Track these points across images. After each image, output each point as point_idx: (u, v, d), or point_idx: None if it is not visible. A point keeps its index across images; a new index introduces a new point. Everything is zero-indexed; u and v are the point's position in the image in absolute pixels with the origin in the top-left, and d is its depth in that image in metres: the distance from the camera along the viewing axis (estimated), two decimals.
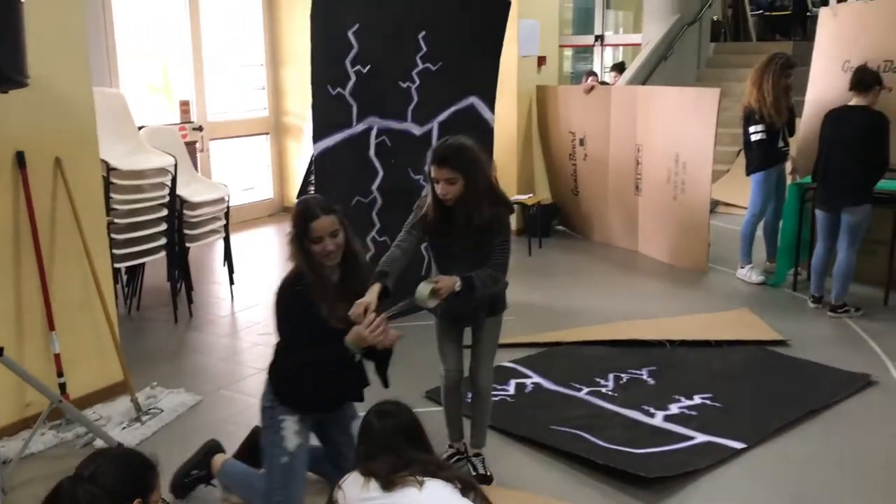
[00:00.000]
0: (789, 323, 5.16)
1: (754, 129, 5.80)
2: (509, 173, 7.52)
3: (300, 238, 2.79)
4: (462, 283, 2.92)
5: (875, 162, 5.02)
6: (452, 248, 3.09)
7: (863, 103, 5.10)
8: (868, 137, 5.00)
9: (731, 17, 12.89)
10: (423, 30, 5.08)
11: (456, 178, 2.92)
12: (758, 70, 5.82)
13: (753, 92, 5.79)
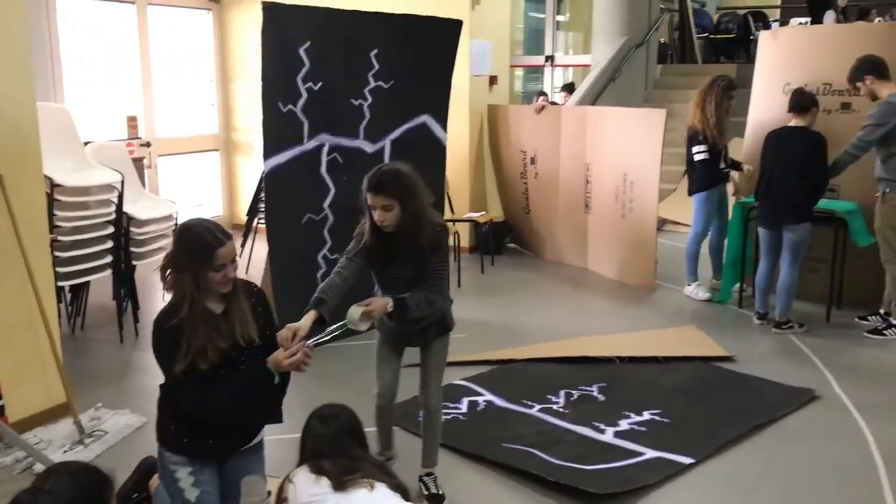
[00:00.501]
0: (735, 339, 5.27)
1: (697, 150, 5.93)
2: (462, 191, 7.56)
3: (198, 265, 2.46)
4: (394, 304, 2.96)
5: (815, 181, 5.17)
6: (393, 272, 3.10)
7: (802, 124, 5.26)
8: (808, 157, 5.15)
9: (677, 40, 13.19)
10: (376, 48, 5.09)
11: (392, 204, 2.95)
12: (701, 92, 5.97)
13: (697, 113, 5.93)
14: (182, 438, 2.61)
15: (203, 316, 2.49)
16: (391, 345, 3.33)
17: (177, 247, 2.53)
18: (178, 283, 2.49)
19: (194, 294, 2.46)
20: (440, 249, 3.11)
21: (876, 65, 5.09)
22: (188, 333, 2.46)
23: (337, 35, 4.92)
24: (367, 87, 5.13)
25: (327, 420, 2.58)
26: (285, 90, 4.75)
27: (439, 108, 5.51)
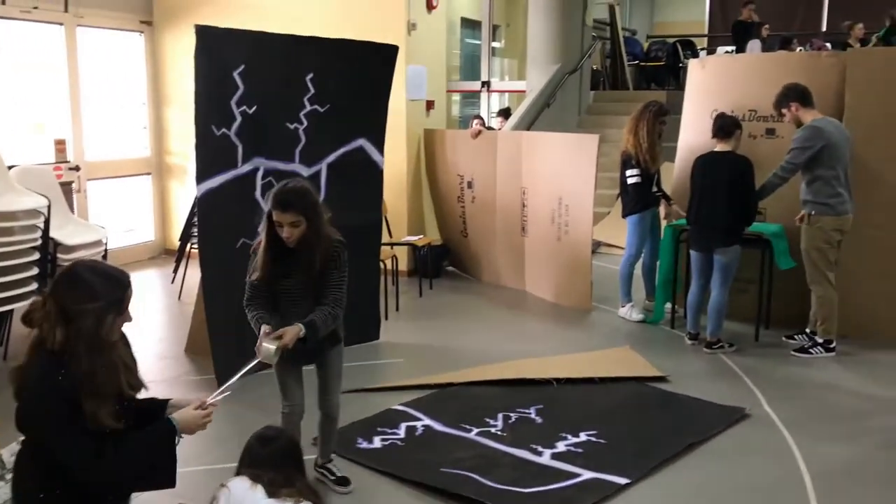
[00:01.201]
0: (668, 359, 5.37)
1: (630, 173, 6.07)
2: (399, 214, 7.55)
3: (108, 310, 2.25)
4: (305, 329, 3.08)
5: (743, 205, 5.32)
6: (294, 288, 3.22)
7: (728, 149, 5.42)
8: (735, 182, 5.30)
9: (609, 67, 13.51)
10: (311, 72, 5.07)
11: (300, 220, 3.08)
12: (634, 118, 6.12)
13: (630, 138, 6.07)
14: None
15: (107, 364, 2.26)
16: (290, 365, 3.36)
17: (76, 290, 2.23)
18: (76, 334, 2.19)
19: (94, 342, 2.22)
20: (341, 265, 3.25)
21: (801, 92, 5.29)
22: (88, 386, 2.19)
23: (272, 59, 4.89)
24: (303, 111, 5.10)
25: (267, 441, 2.60)
26: (219, 113, 4.69)
27: (376, 132, 5.51)
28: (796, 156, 5.21)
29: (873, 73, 5.66)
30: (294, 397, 3.41)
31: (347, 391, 4.70)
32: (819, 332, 5.42)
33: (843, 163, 5.20)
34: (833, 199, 5.20)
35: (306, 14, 7.40)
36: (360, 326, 5.63)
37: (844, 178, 5.22)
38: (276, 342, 2.99)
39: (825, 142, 5.13)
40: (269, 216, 3.13)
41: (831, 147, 5.14)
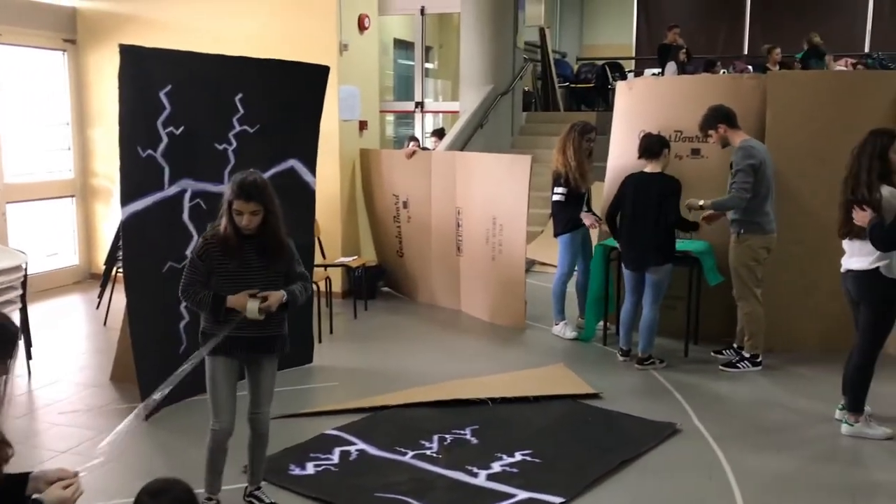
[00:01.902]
0: (601, 376, 5.42)
1: (557, 191, 6.15)
2: (333, 235, 7.48)
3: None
4: (287, 296, 3.32)
5: (672, 224, 5.43)
6: (247, 274, 3.33)
7: (657, 169, 5.53)
8: (665, 202, 5.41)
9: (540, 89, 13.72)
10: (241, 92, 5.00)
11: (259, 209, 3.26)
12: (561, 138, 6.23)
13: (559, 157, 6.17)
14: None
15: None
16: (229, 365, 3.37)
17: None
18: None
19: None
20: (293, 254, 3.47)
21: (728, 114, 5.42)
22: None
23: (200, 79, 4.80)
24: (232, 132, 5.02)
25: (157, 495, 2.42)
26: (145, 134, 4.58)
27: (307, 153, 5.45)
28: (747, 176, 5.24)
29: (793, 95, 5.87)
30: (225, 414, 3.38)
31: (279, 416, 4.62)
32: (746, 346, 5.55)
33: (769, 183, 5.35)
34: (762, 219, 5.34)
35: (236, 34, 7.31)
36: (292, 350, 5.51)
37: (771, 197, 5.38)
38: (259, 302, 3.20)
39: (761, 160, 5.28)
40: (229, 205, 3.26)
41: (764, 169, 5.29)
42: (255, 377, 3.47)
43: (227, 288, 3.30)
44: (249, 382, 3.47)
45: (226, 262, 3.32)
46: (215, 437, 3.38)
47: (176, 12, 7.78)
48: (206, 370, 3.36)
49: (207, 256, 3.32)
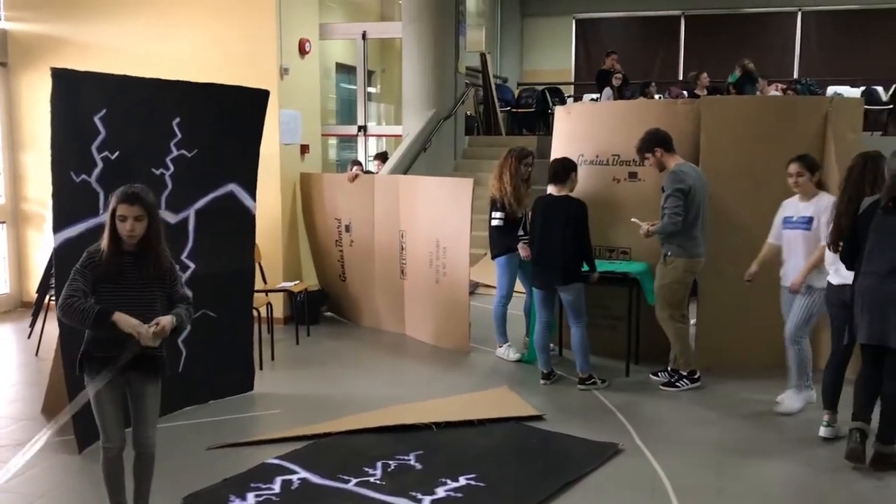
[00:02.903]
0: (544, 397, 5.45)
1: (494, 216, 6.21)
2: (274, 260, 7.40)
3: None
4: (176, 319, 3.27)
5: (578, 245, 5.50)
6: (129, 292, 3.28)
7: (564, 192, 5.62)
8: (569, 224, 5.48)
9: (482, 113, 13.85)
10: (178, 116, 4.93)
11: (143, 215, 3.26)
12: (500, 163, 6.31)
13: (496, 183, 6.23)
14: None
15: None
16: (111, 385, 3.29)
17: None
18: None
19: None
20: (178, 276, 3.46)
21: (664, 138, 5.55)
22: None
23: (136, 103, 4.72)
24: (170, 156, 4.94)
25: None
26: (78, 159, 4.48)
27: (247, 177, 5.39)
28: (677, 200, 5.35)
29: (726, 119, 6.04)
30: (114, 432, 3.35)
31: (218, 446, 4.54)
32: (679, 365, 5.64)
33: (699, 207, 5.46)
34: (688, 243, 5.45)
35: (174, 58, 7.23)
36: (231, 378, 5.46)
37: (701, 222, 5.49)
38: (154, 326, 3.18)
39: (692, 184, 5.39)
40: (112, 215, 3.25)
41: (695, 193, 5.41)
42: (137, 400, 3.40)
43: (108, 305, 3.24)
44: (132, 405, 3.41)
45: (107, 278, 3.27)
46: (107, 456, 3.36)
47: (111, 35, 7.66)
48: (89, 392, 3.28)
49: (91, 270, 3.26)
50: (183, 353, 5.15)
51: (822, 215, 4.83)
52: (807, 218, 4.97)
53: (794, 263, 5.02)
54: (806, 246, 4.97)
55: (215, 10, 7.39)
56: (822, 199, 4.96)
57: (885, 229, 4.09)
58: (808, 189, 5.01)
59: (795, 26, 15.34)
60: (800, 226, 5.00)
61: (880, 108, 13.00)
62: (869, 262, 4.14)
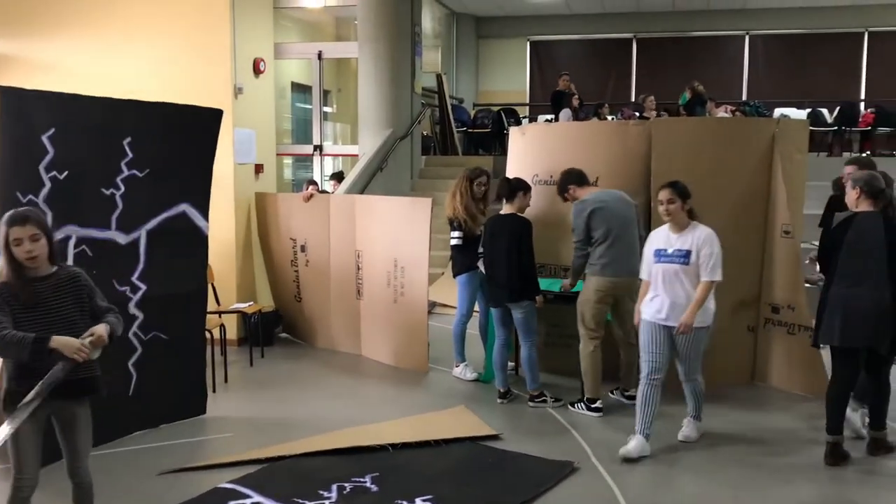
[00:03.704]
0: (501, 416, 5.46)
1: (453, 235, 6.26)
2: (228, 281, 7.31)
3: None
4: (109, 326, 3.19)
5: (523, 263, 5.55)
6: (47, 316, 3.16)
7: (511, 210, 5.67)
8: (515, 242, 5.53)
9: (438, 133, 13.93)
10: (129, 136, 4.87)
11: (39, 234, 3.17)
12: (455, 183, 6.34)
13: (451, 202, 6.27)
14: None
15: None
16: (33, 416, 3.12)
17: None
18: None
19: None
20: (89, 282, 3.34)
21: (577, 175, 5.74)
22: None
23: (86, 122, 4.65)
24: (120, 176, 4.86)
25: None
26: (25, 179, 4.39)
27: (200, 197, 5.33)
28: (574, 233, 5.58)
29: (676, 140, 6.14)
30: (30, 467, 3.20)
31: (169, 471, 4.45)
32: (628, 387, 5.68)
33: (614, 227, 5.43)
34: (599, 261, 5.48)
35: (126, 77, 7.15)
36: (183, 401, 5.36)
37: (619, 242, 5.44)
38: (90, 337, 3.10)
39: (592, 208, 5.49)
40: (6, 244, 3.14)
41: (598, 214, 5.46)
42: (67, 429, 3.27)
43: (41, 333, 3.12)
44: (62, 436, 3.29)
45: (22, 310, 3.14)
46: (15, 494, 3.19)
47: (62, 53, 7.54)
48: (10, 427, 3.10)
49: (5, 302, 3.12)
50: (133, 376, 5.05)
51: (703, 248, 4.65)
52: (684, 251, 4.68)
53: (672, 300, 4.70)
54: (686, 281, 4.68)
55: (169, 29, 7.32)
56: (698, 231, 4.73)
57: (860, 243, 4.45)
58: (680, 218, 4.74)
59: (743, 49, 15.76)
60: (676, 259, 4.70)
61: (825, 130, 13.40)
62: (844, 273, 4.48)
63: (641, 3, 14.61)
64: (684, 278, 4.68)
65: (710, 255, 4.62)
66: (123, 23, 7.44)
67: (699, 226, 4.77)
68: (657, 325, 4.76)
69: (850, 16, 14.72)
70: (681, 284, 4.70)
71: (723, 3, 14.43)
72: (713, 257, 4.64)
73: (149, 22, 7.37)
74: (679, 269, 4.69)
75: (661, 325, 4.74)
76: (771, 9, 14.79)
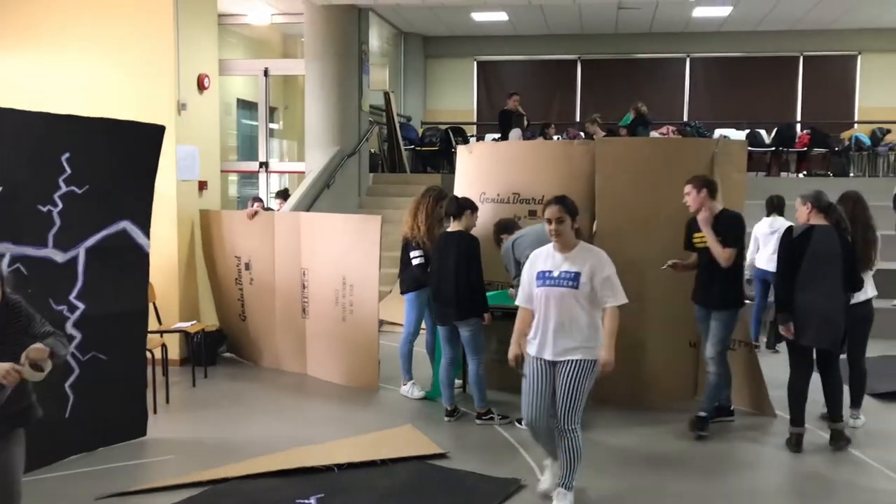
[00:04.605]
0: (448, 435, 5.44)
1: (414, 254, 6.20)
2: (170, 300, 7.17)
3: None
4: (51, 350, 3.01)
5: (470, 281, 5.58)
6: None
7: (459, 228, 5.70)
8: (462, 259, 5.56)
9: (386, 151, 13.93)
10: (68, 151, 4.76)
11: None
12: (415, 201, 6.31)
13: (409, 220, 6.24)
14: None
15: None
16: None
17: None
18: None
19: None
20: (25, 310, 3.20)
21: (503, 226, 5.94)
22: None
23: (22, 137, 4.53)
24: (58, 192, 4.74)
25: None
26: None
27: (141, 214, 5.23)
28: (508, 271, 5.78)
29: (619, 159, 6.24)
30: None
31: (108, 495, 4.32)
32: None
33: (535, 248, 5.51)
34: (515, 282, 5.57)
35: (66, 91, 7.00)
36: (122, 423, 5.22)
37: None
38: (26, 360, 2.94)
39: (511, 242, 5.68)
40: None
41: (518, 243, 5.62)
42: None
43: None
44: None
45: None
46: None
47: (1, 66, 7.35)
48: None
49: None
50: (70, 398, 4.90)
51: (598, 272, 4.11)
52: (572, 273, 4.11)
53: (556, 328, 4.11)
54: (577, 306, 4.10)
55: (112, 43, 7.20)
56: (589, 253, 4.21)
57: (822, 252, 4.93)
58: (568, 239, 4.19)
59: (685, 72, 16.13)
60: (563, 282, 4.11)
61: (763, 150, 13.79)
62: (810, 280, 4.93)
63: (585, 25, 14.87)
64: (573, 303, 4.09)
65: (609, 279, 4.12)
66: (64, 36, 7.29)
67: (588, 246, 4.31)
68: (542, 361, 4.16)
69: (786, 40, 15.21)
70: (569, 310, 4.09)
71: (664, 26, 14.78)
72: (613, 279, 4.15)
73: (91, 36, 7.24)
74: (567, 293, 4.09)
75: (547, 362, 4.15)
76: (711, 32, 15.20)
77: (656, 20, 14.30)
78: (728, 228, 5.27)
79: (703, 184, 5.34)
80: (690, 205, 5.36)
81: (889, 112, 14.56)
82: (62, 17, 7.28)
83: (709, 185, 5.34)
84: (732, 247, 5.23)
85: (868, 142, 13.68)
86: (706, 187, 5.33)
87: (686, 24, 14.69)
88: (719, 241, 5.22)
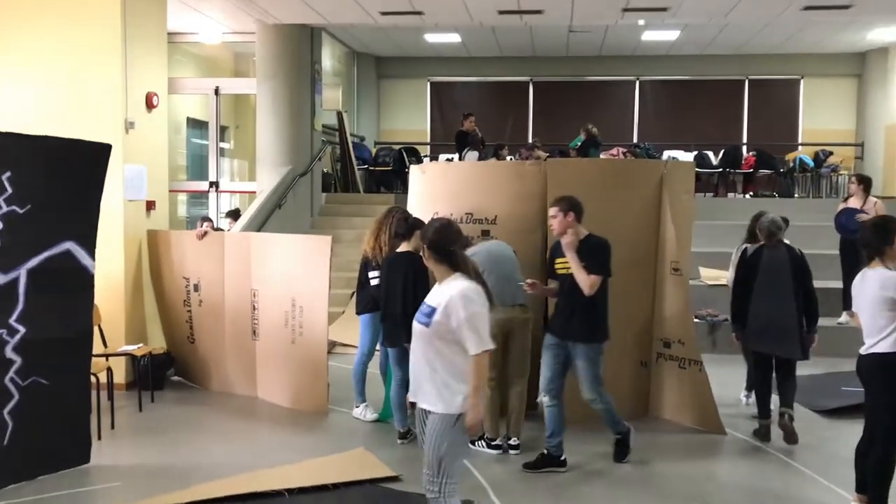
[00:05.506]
0: (401, 457, 5.38)
1: (373, 275, 6.13)
2: (116, 322, 7.00)
3: None
4: None
5: (421, 301, 5.51)
6: None
7: (408, 249, 5.67)
8: (409, 279, 5.51)
9: (339, 170, 13.88)
10: (9, 170, 4.64)
11: None
12: (378, 221, 6.23)
13: (370, 241, 6.17)
14: None
15: None
16: None
17: None
18: None
19: None
20: None
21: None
22: None
23: None
24: None
25: None
26: None
27: (85, 235, 5.10)
28: None
29: (569, 179, 6.29)
30: None
31: None
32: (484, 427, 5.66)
33: (486, 266, 5.22)
34: None
35: (8, 108, 6.83)
36: (65, 450, 5.07)
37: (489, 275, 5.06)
38: None
39: None
40: None
41: None
42: None
43: None
44: None
45: None
46: None
47: None
48: None
49: None
50: (9, 426, 4.74)
51: (455, 311, 3.34)
52: (429, 308, 3.46)
53: (414, 374, 3.55)
54: (429, 349, 3.43)
55: (57, 60, 7.05)
56: (452, 285, 3.45)
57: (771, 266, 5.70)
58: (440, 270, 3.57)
59: (634, 94, 16.43)
60: (420, 317, 3.49)
61: (711, 171, 14.07)
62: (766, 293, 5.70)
63: (537, 47, 15.07)
64: (426, 344, 3.43)
65: (469, 319, 3.31)
66: (8, 51, 7.13)
67: (458, 279, 3.47)
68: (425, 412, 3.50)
69: (733, 64, 15.62)
70: (423, 351, 3.44)
71: (614, 49, 15.06)
72: (474, 321, 3.33)
73: (36, 52, 7.09)
74: (421, 332, 3.45)
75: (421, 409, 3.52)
76: (660, 56, 15.53)
77: (606, 43, 14.56)
78: (593, 254, 5.05)
79: (570, 206, 5.11)
80: (555, 228, 5.15)
81: (831, 134, 15.04)
82: (6, 31, 7.12)
83: (575, 208, 5.11)
84: (597, 274, 4.99)
85: (812, 163, 14.06)
86: (573, 210, 5.10)
87: (635, 48, 14.99)
88: (584, 268, 5.00)
